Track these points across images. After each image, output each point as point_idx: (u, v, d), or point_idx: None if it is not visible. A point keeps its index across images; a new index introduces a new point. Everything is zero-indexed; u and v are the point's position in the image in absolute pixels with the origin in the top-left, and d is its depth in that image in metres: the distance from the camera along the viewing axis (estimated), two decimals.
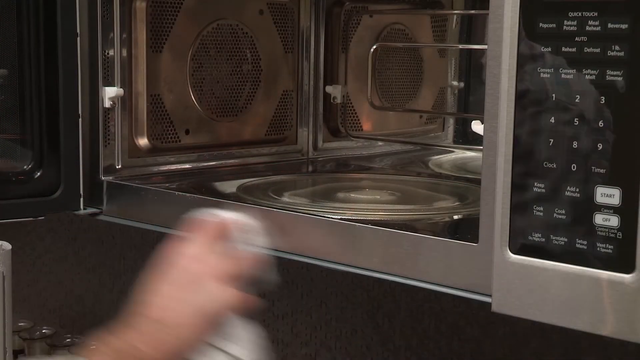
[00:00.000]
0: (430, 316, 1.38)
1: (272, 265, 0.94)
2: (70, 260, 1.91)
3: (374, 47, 1.45)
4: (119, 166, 1.24)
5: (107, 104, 1.20)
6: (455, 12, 1.55)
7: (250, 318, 0.93)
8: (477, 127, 1.50)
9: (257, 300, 0.93)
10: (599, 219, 0.72)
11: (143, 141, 1.28)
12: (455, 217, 1.06)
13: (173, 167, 1.33)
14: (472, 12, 1.52)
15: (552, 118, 0.74)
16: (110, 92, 1.20)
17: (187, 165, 1.34)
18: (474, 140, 1.49)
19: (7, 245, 1.10)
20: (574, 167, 0.73)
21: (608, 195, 0.72)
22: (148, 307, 0.90)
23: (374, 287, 1.44)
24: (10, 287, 1.10)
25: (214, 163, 1.37)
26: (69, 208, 1.19)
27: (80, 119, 1.18)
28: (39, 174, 1.17)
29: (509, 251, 0.77)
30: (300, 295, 1.53)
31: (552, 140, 0.74)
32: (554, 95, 0.74)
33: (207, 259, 0.92)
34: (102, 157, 1.21)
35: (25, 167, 1.17)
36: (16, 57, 1.14)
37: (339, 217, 0.98)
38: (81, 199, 1.20)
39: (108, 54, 1.21)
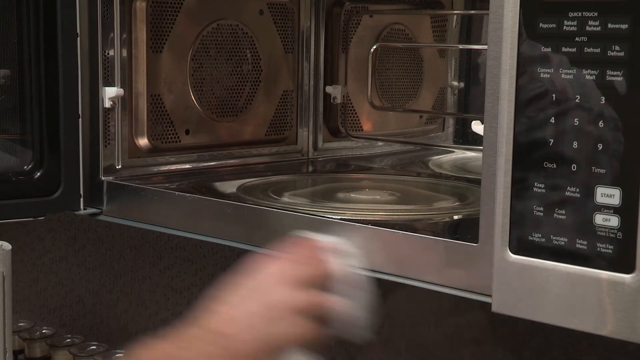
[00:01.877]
0: (430, 316, 1.38)
1: (366, 316, 0.85)
2: (70, 260, 1.91)
3: (374, 47, 1.45)
4: (119, 166, 1.24)
5: (107, 104, 1.20)
6: (455, 12, 1.54)
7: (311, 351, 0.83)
8: (477, 127, 1.50)
9: (327, 335, 0.83)
10: (599, 219, 0.72)
11: (143, 141, 1.28)
12: (455, 217, 1.06)
13: (173, 167, 1.33)
14: (472, 12, 1.52)
15: (552, 118, 0.74)
16: (110, 92, 1.20)
17: (187, 166, 1.34)
18: (474, 140, 1.49)
19: (7, 245, 1.10)
20: (574, 167, 0.73)
21: (608, 195, 0.72)
22: (211, 316, 0.80)
23: (374, 287, 1.43)
24: (10, 287, 1.10)
25: (214, 163, 1.37)
26: (69, 208, 1.19)
27: (80, 119, 1.18)
28: (39, 174, 1.17)
29: (509, 251, 0.77)
30: None
31: (552, 140, 0.74)
32: (554, 95, 0.74)
33: (292, 281, 0.82)
34: (102, 157, 1.21)
35: (25, 167, 1.17)
36: (16, 57, 1.14)
37: (339, 217, 0.98)
38: (81, 199, 1.19)
39: (108, 54, 1.21)
